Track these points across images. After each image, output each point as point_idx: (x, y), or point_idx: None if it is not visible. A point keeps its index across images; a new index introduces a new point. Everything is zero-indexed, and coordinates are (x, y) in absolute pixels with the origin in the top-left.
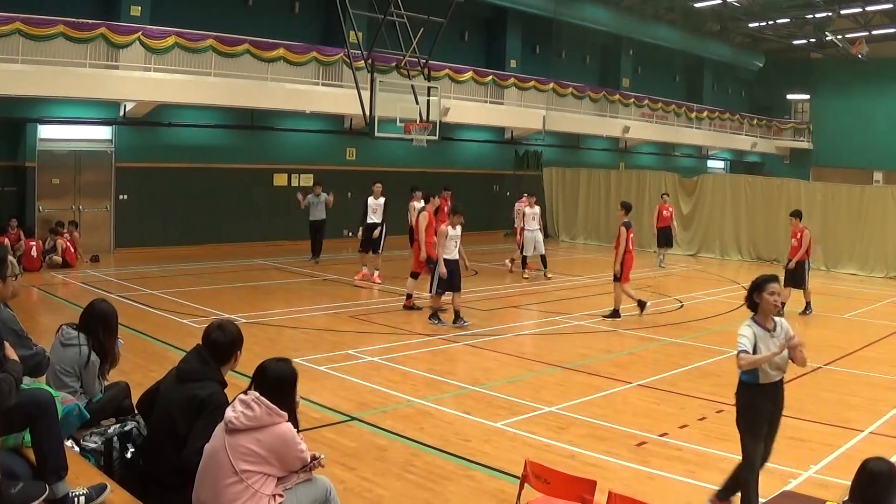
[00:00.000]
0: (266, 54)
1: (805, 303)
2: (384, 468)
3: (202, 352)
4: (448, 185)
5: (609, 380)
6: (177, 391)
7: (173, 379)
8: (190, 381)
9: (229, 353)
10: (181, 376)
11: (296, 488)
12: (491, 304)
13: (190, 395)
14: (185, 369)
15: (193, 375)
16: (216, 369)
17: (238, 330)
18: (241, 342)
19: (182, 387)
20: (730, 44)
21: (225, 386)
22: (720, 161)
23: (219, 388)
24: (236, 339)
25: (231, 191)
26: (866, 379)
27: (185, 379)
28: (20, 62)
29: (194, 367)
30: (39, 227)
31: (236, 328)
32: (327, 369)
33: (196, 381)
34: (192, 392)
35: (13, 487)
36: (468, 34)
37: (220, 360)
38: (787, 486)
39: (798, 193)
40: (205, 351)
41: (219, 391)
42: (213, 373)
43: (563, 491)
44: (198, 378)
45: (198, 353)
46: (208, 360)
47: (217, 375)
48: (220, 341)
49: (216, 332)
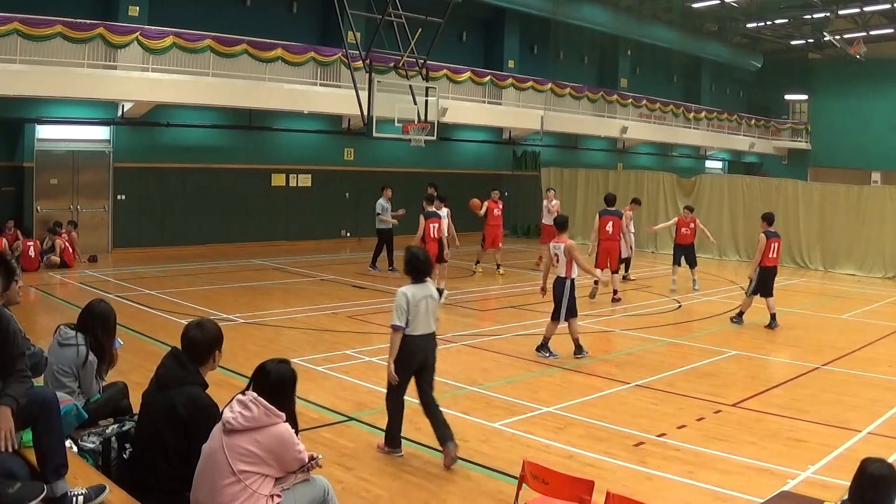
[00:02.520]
0: (264, 54)
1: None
2: (382, 468)
3: (179, 355)
4: (497, 186)
5: (607, 380)
6: (158, 399)
7: (153, 386)
8: (169, 388)
9: (207, 353)
10: (160, 383)
11: (294, 489)
12: (489, 304)
13: (171, 402)
14: (164, 376)
15: (172, 382)
16: (195, 371)
17: (218, 328)
18: (221, 341)
19: (162, 394)
20: (728, 44)
21: (206, 387)
22: (718, 161)
23: (200, 393)
24: (215, 338)
25: (229, 191)
26: (865, 379)
27: (164, 386)
28: (18, 62)
29: (172, 372)
30: (37, 228)
31: (216, 326)
32: (325, 369)
33: (176, 386)
34: (173, 399)
35: (11, 487)
36: (466, 34)
37: (198, 361)
38: (785, 487)
39: (796, 194)
40: (182, 354)
41: (201, 396)
42: (192, 376)
43: (561, 491)
44: (177, 384)
45: (174, 358)
46: (185, 364)
47: (197, 378)
48: (198, 339)
49: (194, 331)
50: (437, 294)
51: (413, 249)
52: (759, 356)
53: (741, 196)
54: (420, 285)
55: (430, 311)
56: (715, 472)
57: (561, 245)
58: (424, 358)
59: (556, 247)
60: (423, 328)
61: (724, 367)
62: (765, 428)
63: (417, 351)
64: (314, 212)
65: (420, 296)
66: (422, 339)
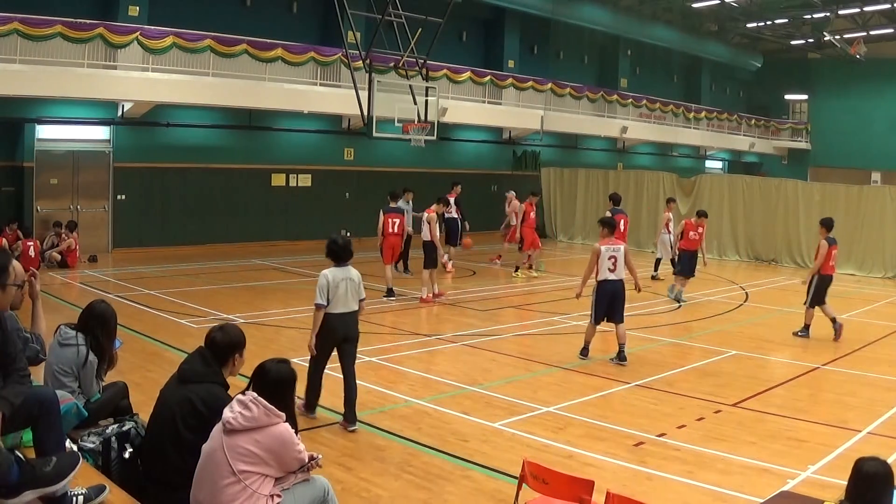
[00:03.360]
0: (264, 54)
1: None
2: (382, 468)
3: (204, 353)
4: (535, 191)
5: (607, 380)
6: (177, 392)
7: (175, 380)
8: (190, 383)
9: (227, 355)
10: (182, 377)
11: (294, 488)
12: (489, 304)
13: (190, 397)
14: (187, 370)
15: (194, 377)
16: (218, 371)
17: (240, 332)
18: (242, 345)
19: (182, 388)
20: (728, 44)
21: (227, 388)
22: (718, 161)
23: (221, 392)
24: (236, 342)
25: (229, 191)
26: (864, 379)
27: (185, 380)
28: (18, 62)
29: (196, 368)
30: (37, 228)
31: (238, 331)
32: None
33: (196, 382)
34: (192, 394)
35: (47, 465)
36: (466, 34)
37: (220, 362)
38: (785, 487)
39: (796, 194)
40: (206, 352)
41: (222, 394)
42: (214, 375)
43: (561, 491)
44: (199, 379)
45: (200, 354)
46: (210, 362)
47: (218, 377)
48: (219, 341)
49: (216, 333)
50: (356, 277)
51: (332, 237)
52: (759, 356)
53: (741, 196)
54: (340, 268)
55: (350, 291)
56: (715, 472)
57: (621, 247)
58: (345, 333)
59: (614, 249)
60: (343, 307)
61: (724, 367)
62: (765, 428)
63: (337, 327)
64: (314, 212)
65: (340, 278)
66: (341, 316)
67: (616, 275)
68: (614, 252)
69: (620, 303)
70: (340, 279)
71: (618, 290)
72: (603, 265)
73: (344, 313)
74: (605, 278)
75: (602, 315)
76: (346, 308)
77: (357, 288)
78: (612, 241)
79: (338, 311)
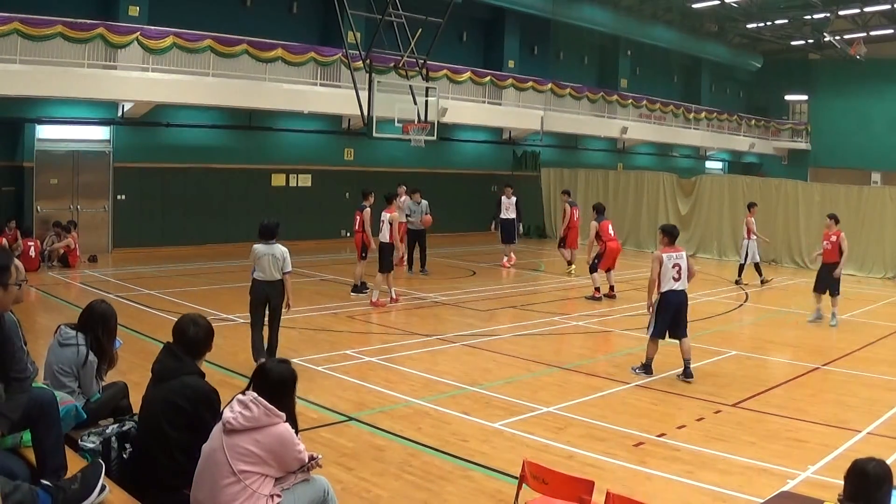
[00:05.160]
0: (264, 54)
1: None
2: (382, 468)
3: (173, 348)
4: (567, 189)
5: (607, 380)
6: (156, 393)
7: (152, 381)
8: (167, 380)
9: (205, 347)
10: (157, 376)
11: (294, 488)
12: (489, 304)
13: (170, 396)
14: (160, 369)
15: (168, 374)
16: (191, 362)
17: (209, 321)
18: (214, 332)
19: (160, 387)
20: (728, 44)
21: (203, 376)
22: (718, 162)
23: (199, 381)
24: (211, 331)
25: (229, 191)
26: (864, 380)
27: (160, 379)
28: (18, 62)
29: (168, 364)
30: (37, 227)
31: (206, 320)
32: (325, 369)
33: (173, 378)
34: (172, 392)
35: (74, 482)
36: (466, 35)
37: (195, 354)
38: (785, 487)
39: (796, 194)
40: (176, 347)
41: (199, 384)
42: (188, 367)
43: (561, 491)
44: (174, 375)
45: (169, 351)
46: (181, 356)
47: (193, 367)
48: (200, 337)
49: (192, 328)
50: (280, 252)
51: (264, 220)
52: (759, 356)
53: (741, 196)
54: (266, 245)
55: (271, 264)
56: (715, 472)
57: (683, 253)
58: (266, 296)
59: (678, 256)
60: (265, 276)
61: (724, 367)
62: (765, 428)
63: (260, 290)
64: (314, 212)
65: (263, 252)
66: (263, 283)
67: (681, 284)
68: (678, 259)
69: (684, 315)
70: (263, 253)
71: (682, 302)
72: (666, 274)
73: (268, 281)
74: (669, 288)
75: (665, 329)
76: (270, 277)
77: (279, 263)
78: (675, 249)
79: (260, 279)
